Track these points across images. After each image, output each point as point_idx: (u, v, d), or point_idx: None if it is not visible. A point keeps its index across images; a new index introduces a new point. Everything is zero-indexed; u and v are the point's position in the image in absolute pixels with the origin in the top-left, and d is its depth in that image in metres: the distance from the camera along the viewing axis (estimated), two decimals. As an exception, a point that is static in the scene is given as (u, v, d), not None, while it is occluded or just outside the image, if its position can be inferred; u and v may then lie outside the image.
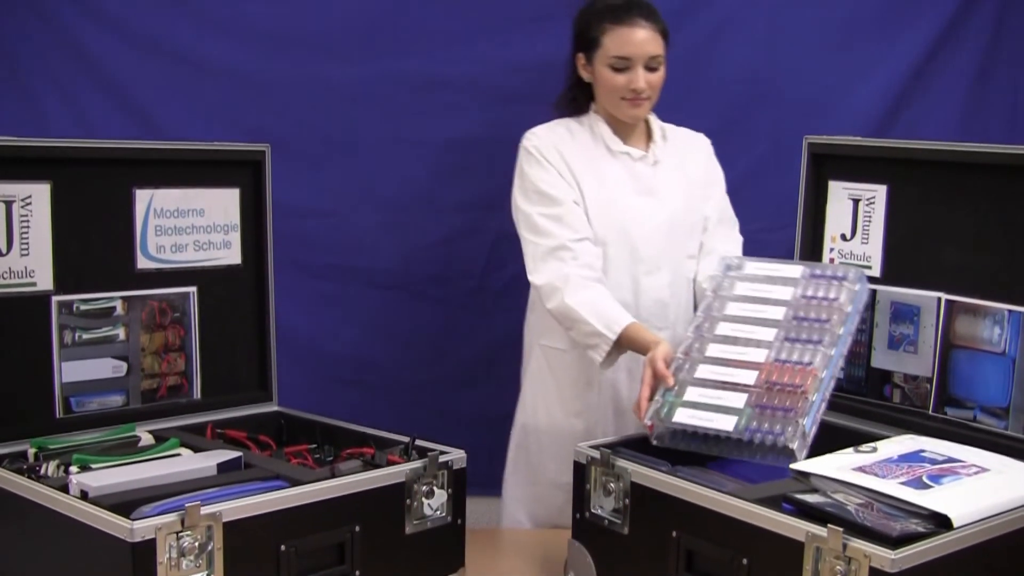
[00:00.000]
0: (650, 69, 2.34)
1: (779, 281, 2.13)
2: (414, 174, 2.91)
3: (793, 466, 1.88)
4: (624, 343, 2.22)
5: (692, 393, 2.00)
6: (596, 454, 1.94)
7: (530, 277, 2.35)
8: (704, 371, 2.03)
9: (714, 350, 2.06)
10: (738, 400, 1.96)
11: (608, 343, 2.22)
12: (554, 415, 2.46)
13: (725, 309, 2.13)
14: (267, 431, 2.24)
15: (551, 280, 2.29)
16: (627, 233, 2.38)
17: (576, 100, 2.46)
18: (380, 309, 2.95)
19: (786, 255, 2.42)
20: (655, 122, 2.48)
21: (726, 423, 1.93)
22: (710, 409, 1.96)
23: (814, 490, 1.80)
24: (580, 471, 1.97)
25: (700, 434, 1.97)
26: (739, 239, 2.51)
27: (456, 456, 1.99)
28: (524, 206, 2.36)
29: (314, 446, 2.17)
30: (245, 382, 2.35)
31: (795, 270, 2.14)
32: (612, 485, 1.91)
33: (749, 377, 1.98)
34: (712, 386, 2.00)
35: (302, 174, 2.83)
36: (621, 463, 1.90)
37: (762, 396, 1.94)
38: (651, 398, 2.04)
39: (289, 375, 2.44)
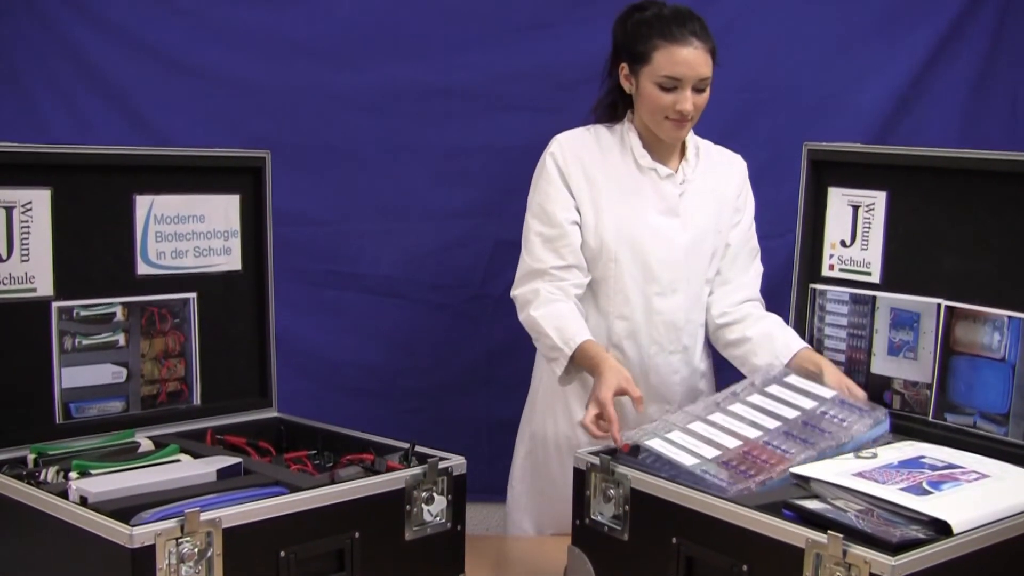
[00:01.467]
0: (698, 91, 2.25)
1: (809, 395, 2.10)
2: (414, 181, 2.91)
3: (793, 470, 1.88)
4: (578, 360, 2.20)
5: (675, 435, 1.99)
6: (596, 460, 1.94)
7: (512, 289, 2.35)
8: (697, 426, 2.02)
9: (717, 418, 2.04)
10: (709, 453, 1.94)
11: (565, 358, 2.21)
12: (561, 425, 2.42)
13: (749, 396, 2.11)
14: (267, 437, 2.24)
15: (524, 293, 2.30)
16: (642, 253, 2.31)
17: (613, 107, 2.38)
18: (380, 316, 2.95)
19: (786, 262, 2.42)
20: (691, 139, 2.39)
21: (687, 459, 1.92)
22: (681, 449, 1.95)
23: (814, 496, 1.80)
24: (580, 477, 1.96)
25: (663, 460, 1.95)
26: (759, 270, 2.43)
27: (456, 462, 1.98)
28: (528, 218, 2.35)
29: (314, 452, 2.17)
30: (245, 388, 2.35)
31: (828, 392, 2.11)
32: (612, 491, 1.90)
33: (732, 443, 1.97)
34: (695, 436, 1.99)
35: (303, 181, 2.83)
36: (621, 469, 1.90)
37: (732, 459, 1.93)
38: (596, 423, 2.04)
39: (289, 381, 2.44)
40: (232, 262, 2.33)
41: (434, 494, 1.94)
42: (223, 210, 2.31)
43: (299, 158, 2.80)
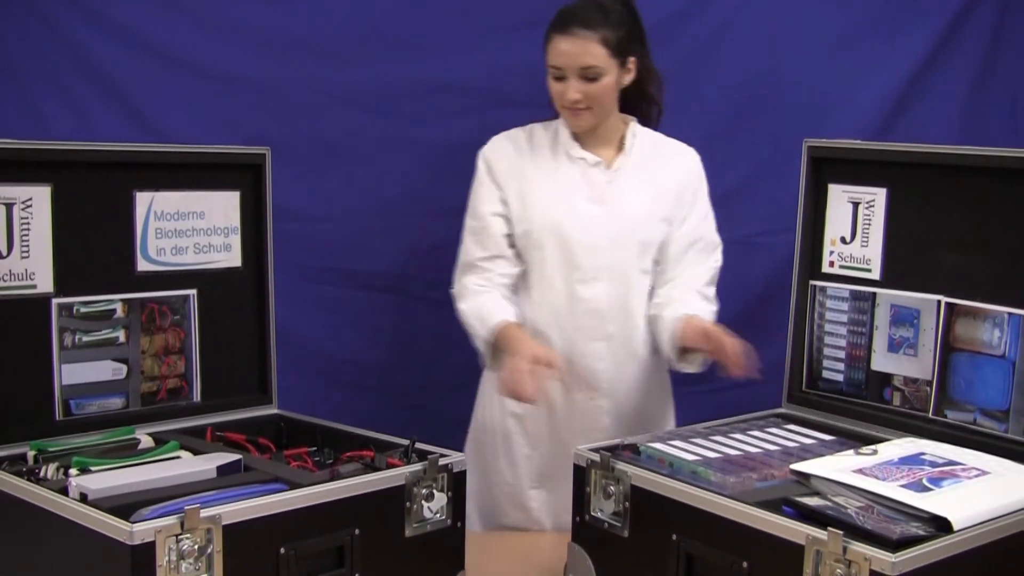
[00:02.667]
0: (588, 79, 2.29)
1: (808, 436, 2.13)
2: (413, 178, 2.91)
3: (794, 467, 1.88)
4: (499, 343, 2.25)
5: (676, 442, 2.02)
6: (596, 457, 1.94)
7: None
8: (698, 440, 2.04)
9: (718, 439, 2.06)
10: (711, 455, 1.96)
11: (485, 343, 2.29)
12: (495, 414, 2.48)
13: (749, 431, 2.14)
14: (267, 434, 2.24)
15: (456, 289, 2.42)
16: (566, 239, 2.35)
17: (552, 104, 2.43)
18: (379, 312, 2.95)
19: (787, 259, 2.42)
20: (634, 131, 2.44)
21: (688, 456, 1.94)
22: (682, 451, 1.97)
23: (815, 493, 1.80)
24: (580, 474, 1.96)
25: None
26: (713, 266, 2.45)
27: (456, 459, 1.98)
28: (465, 215, 2.45)
29: (314, 449, 2.16)
30: (245, 385, 2.34)
31: (828, 436, 2.14)
32: (612, 488, 1.90)
33: (733, 452, 1.99)
34: (696, 444, 2.01)
35: (302, 178, 2.82)
36: (621, 466, 1.90)
37: (733, 460, 1.95)
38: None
39: (289, 378, 2.43)
40: (232, 259, 2.33)
41: (434, 491, 1.94)
42: (223, 207, 2.30)
43: (299, 155, 2.79)
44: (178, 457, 2.00)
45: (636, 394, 2.44)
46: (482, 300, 2.36)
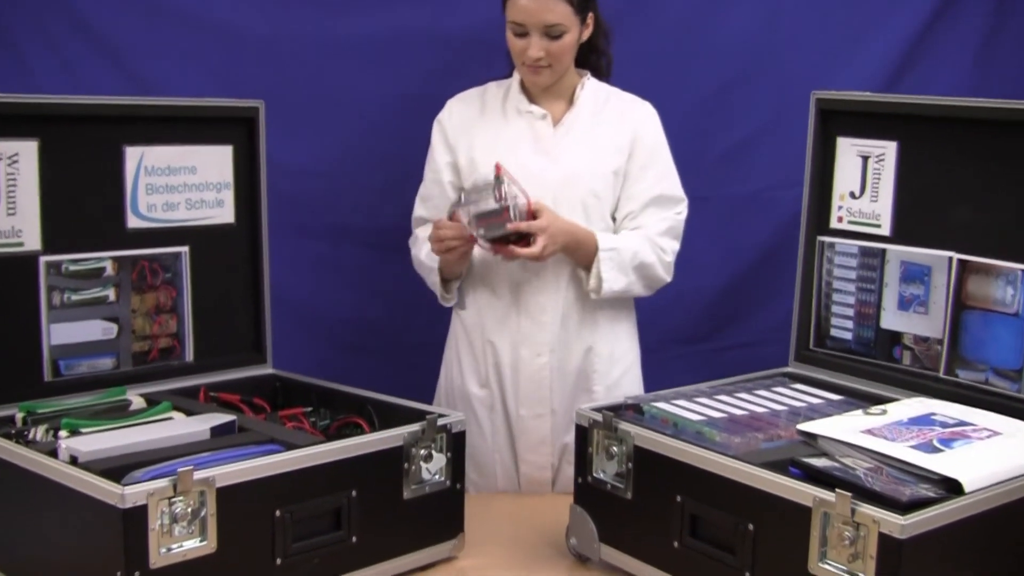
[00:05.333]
0: (551, 37, 2.32)
1: (817, 396, 2.13)
2: (415, 132, 2.85)
3: (800, 427, 1.87)
4: (442, 266, 2.39)
5: (680, 402, 2.01)
6: (599, 417, 1.93)
7: None
8: (703, 400, 2.04)
9: (723, 399, 2.06)
10: (716, 415, 1.96)
11: (432, 271, 2.42)
12: (456, 378, 2.53)
13: (756, 390, 2.14)
14: (262, 394, 2.23)
15: (410, 241, 2.53)
16: None
17: (510, 62, 2.47)
18: (378, 271, 2.93)
19: (794, 215, 2.40)
20: (586, 86, 2.46)
21: (692, 417, 1.94)
22: (687, 411, 1.97)
23: (822, 454, 1.79)
24: (582, 434, 1.96)
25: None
26: (673, 217, 2.45)
27: (455, 419, 1.98)
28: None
29: (310, 410, 2.16)
30: (239, 344, 2.34)
31: (836, 396, 2.15)
32: (615, 449, 1.90)
33: (739, 413, 1.99)
34: (700, 405, 2.01)
35: (299, 131, 2.80)
36: (624, 426, 1.89)
37: (739, 420, 1.94)
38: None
39: (284, 338, 2.42)
40: (225, 215, 2.32)
41: (433, 451, 1.94)
42: (216, 162, 2.29)
43: (295, 108, 2.76)
44: (171, 418, 1.99)
45: (584, 352, 2.47)
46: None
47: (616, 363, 2.50)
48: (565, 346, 2.44)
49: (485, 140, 2.44)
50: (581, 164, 2.42)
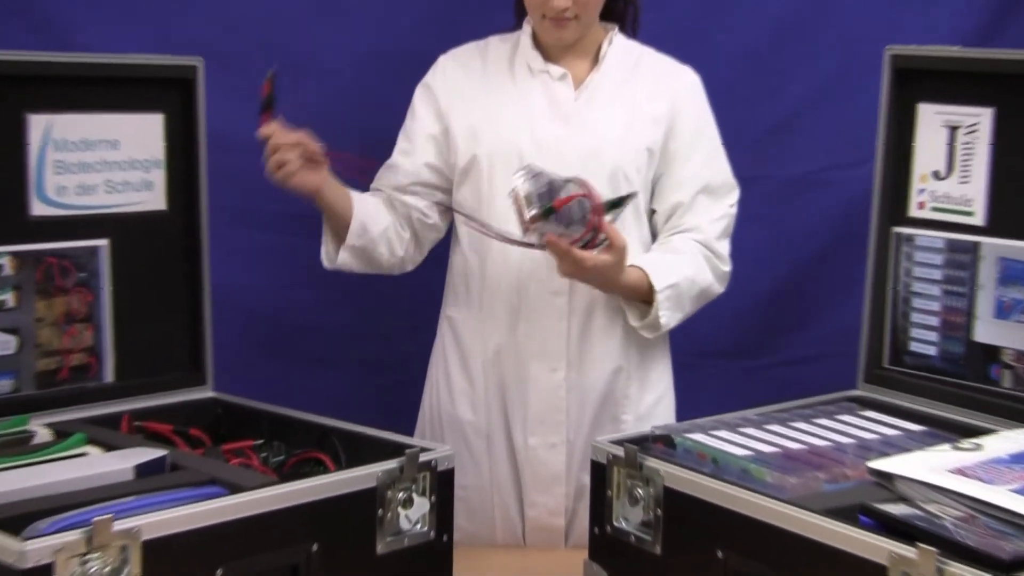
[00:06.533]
0: None
1: (893, 427, 2.14)
2: (391, 97, 2.87)
3: (872, 465, 1.87)
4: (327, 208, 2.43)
5: (722, 432, 2.01)
6: (619, 451, 1.93)
7: None
8: (750, 431, 2.04)
9: (775, 428, 2.07)
10: (767, 449, 1.96)
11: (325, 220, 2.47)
12: (444, 400, 2.56)
13: (816, 419, 2.14)
14: (200, 423, 2.24)
15: None
16: (521, 164, 2.38)
17: (519, 11, 2.53)
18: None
19: (861, 199, 2.40)
20: (614, 42, 2.50)
21: (737, 451, 1.94)
22: (729, 443, 1.97)
23: (900, 498, 1.79)
24: (599, 473, 1.96)
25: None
26: (728, 214, 2.51)
27: (442, 453, 1.98)
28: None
29: (260, 442, 2.17)
30: (171, 361, 2.35)
31: (916, 426, 2.14)
32: (640, 491, 1.90)
33: (795, 446, 1.99)
34: (748, 437, 2.01)
35: (246, 97, 2.76)
36: (652, 462, 1.89)
37: (795, 456, 1.94)
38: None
39: (229, 352, 2.44)
40: (155, 200, 2.32)
41: (413, 495, 1.93)
42: (143, 134, 2.30)
43: (242, 69, 2.76)
44: (85, 454, 1.99)
45: (612, 372, 2.48)
46: None
47: (650, 387, 2.52)
48: (587, 359, 2.45)
49: (489, 107, 2.46)
50: (609, 136, 2.43)
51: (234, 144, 2.71)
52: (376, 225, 2.45)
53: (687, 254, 2.43)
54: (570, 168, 2.34)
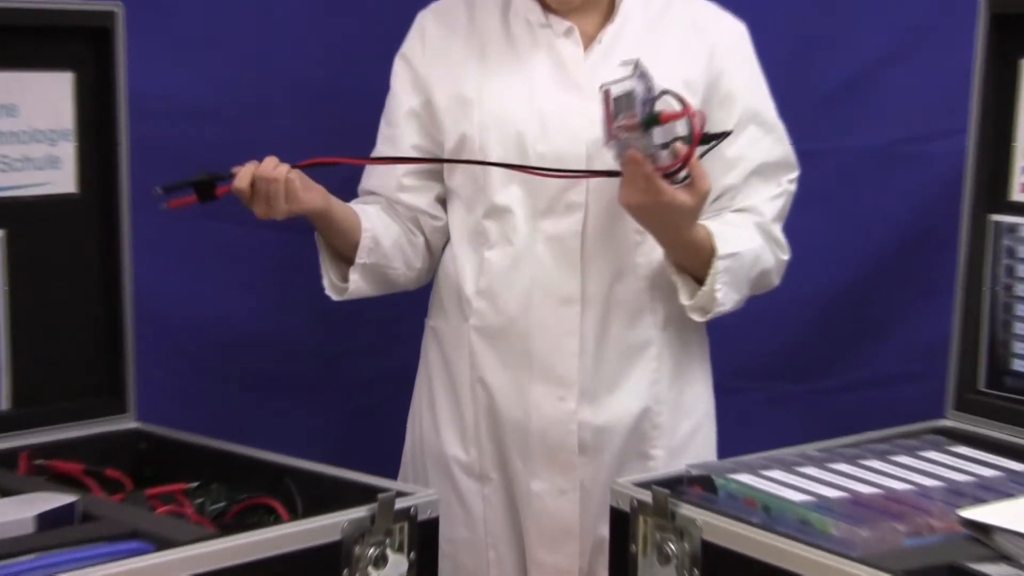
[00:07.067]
0: None
1: (991, 466, 2.14)
2: (346, 48, 2.88)
3: (964, 513, 1.86)
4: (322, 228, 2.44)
5: (776, 473, 2.02)
6: (646, 496, 1.93)
7: None
8: (810, 470, 2.05)
9: (842, 467, 2.07)
10: (831, 493, 1.96)
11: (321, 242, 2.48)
12: (427, 434, 2.58)
13: (893, 456, 2.15)
14: (119, 461, 2.23)
15: None
16: (521, 146, 2.41)
17: None
18: (300, 266, 2.90)
19: (950, 179, 2.43)
20: None
21: (793, 496, 1.94)
22: (784, 486, 1.97)
23: (999, 556, 1.78)
24: (621, 524, 1.96)
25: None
26: (786, 190, 2.51)
27: (424, 498, 1.98)
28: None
29: (195, 485, 2.17)
30: (83, 383, 2.35)
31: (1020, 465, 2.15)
32: (673, 546, 1.89)
33: (867, 489, 1.99)
34: (806, 478, 2.02)
35: (175, 52, 2.82)
36: (687, 510, 1.88)
37: (867, 503, 1.94)
38: None
39: (156, 373, 2.46)
40: (62, 181, 2.33)
41: (388, 551, 1.93)
42: (47, 97, 2.31)
43: (167, 16, 2.79)
44: (-28, 501, 1.99)
45: (638, 397, 2.47)
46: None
47: (686, 414, 2.51)
48: (604, 383, 2.44)
49: (478, 73, 2.47)
50: None
51: (162, 110, 2.74)
52: (387, 237, 2.46)
53: (747, 229, 2.42)
54: (581, 146, 2.36)
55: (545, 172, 2.31)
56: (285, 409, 2.96)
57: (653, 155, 2.16)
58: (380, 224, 2.46)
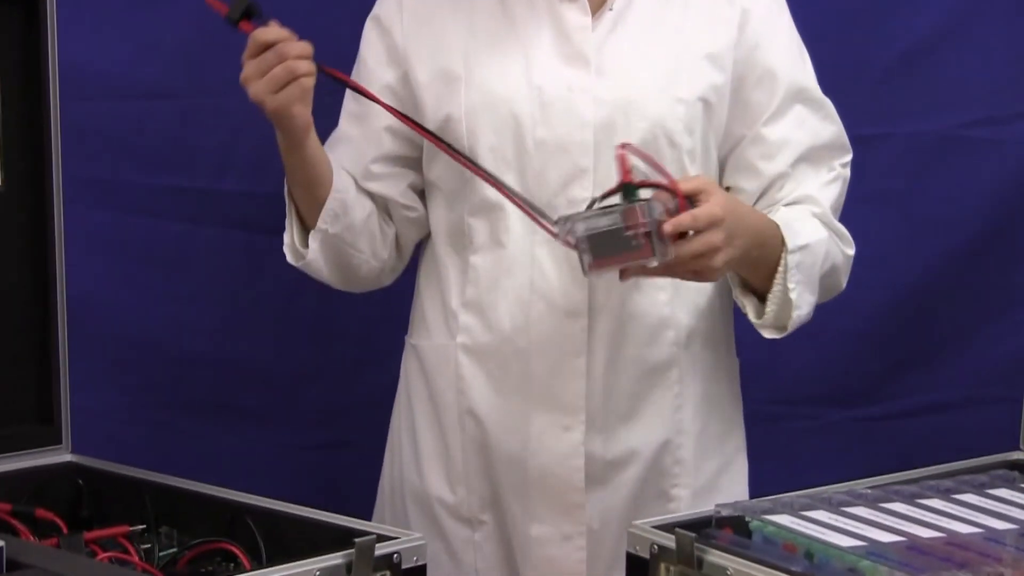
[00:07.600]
0: None
1: None
2: (313, 11, 2.90)
3: None
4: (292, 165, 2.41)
5: (819, 514, 2.04)
6: (668, 540, 1.93)
7: None
8: (859, 511, 2.06)
9: (897, 507, 2.08)
10: (884, 537, 1.97)
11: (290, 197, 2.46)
12: (407, 471, 2.59)
13: (957, 495, 2.16)
14: (52, 500, 2.25)
15: None
16: (517, 128, 2.43)
17: None
18: (262, 272, 2.96)
19: (1018, 162, 2.39)
20: None
21: (842, 540, 1.95)
22: (830, 528, 1.98)
23: None
24: (638, 572, 1.97)
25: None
26: (841, 176, 2.53)
27: (408, 544, 1.98)
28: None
29: (142, 528, 2.18)
30: (8, 409, 2.36)
31: None
32: None
33: (925, 532, 2.00)
34: (854, 519, 2.03)
35: (115, 16, 2.83)
36: (716, 557, 1.89)
37: (925, 548, 1.95)
38: None
39: (94, 396, 2.49)
40: None
41: None
42: None
43: None
44: None
45: (656, 428, 2.48)
46: None
47: (713, 447, 2.53)
48: (618, 411, 2.45)
49: (467, 43, 2.48)
50: (644, 81, 2.43)
51: (101, 86, 2.76)
52: (358, 209, 2.46)
53: (809, 221, 2.42)
54: (588, 131, 2.38)
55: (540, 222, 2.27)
56: (243, 439, 2.96)
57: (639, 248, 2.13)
58: (352, 194, 2.47)
